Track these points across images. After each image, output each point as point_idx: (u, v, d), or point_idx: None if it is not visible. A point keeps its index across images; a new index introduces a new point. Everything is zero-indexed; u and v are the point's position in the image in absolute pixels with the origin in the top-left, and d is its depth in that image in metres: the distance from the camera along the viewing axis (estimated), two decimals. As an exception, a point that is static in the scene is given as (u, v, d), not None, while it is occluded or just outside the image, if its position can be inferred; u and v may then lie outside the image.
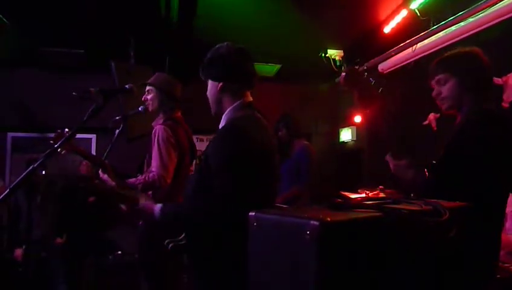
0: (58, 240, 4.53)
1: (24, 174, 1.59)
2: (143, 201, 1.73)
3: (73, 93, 2.06)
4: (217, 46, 1.75)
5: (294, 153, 4.08)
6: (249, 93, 1.76)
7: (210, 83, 1.75)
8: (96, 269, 4.71)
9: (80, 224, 4.66)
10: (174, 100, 2.68)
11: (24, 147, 5.63)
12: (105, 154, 2.59)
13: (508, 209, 2.50)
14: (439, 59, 1.87)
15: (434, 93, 1.85)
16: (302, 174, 3.96)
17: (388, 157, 1.79)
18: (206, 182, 1.58)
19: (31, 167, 1.61)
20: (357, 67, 1.93)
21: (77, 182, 4.91)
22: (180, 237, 1.70)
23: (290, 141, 4.11)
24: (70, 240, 4.60)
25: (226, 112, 1.72)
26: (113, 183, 2.45)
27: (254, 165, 1.56)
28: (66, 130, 2.25)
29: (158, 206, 1.68)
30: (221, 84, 1.70)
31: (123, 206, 1.88)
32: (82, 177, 4.92)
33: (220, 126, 1.72)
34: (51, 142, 2.27)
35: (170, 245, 1.68)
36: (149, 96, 2.68)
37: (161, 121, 2.63)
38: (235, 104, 1.71)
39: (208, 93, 1.77)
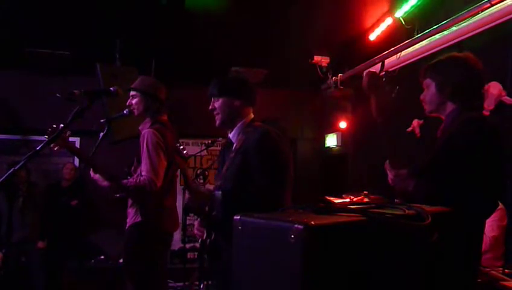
0: (40, 244, 4.44)
1: (5, 176, 1.56)
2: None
3: (57, 94, 2.03)
4: (233, 70, 2.09)
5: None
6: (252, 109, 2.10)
7: (225, 99, 2.02)
8: (78, 274, 4.63)
9: (62, 227, 4.58)
10: (159, 102, 2.67)
11: (6, 149, 5.50)
12: (90, 154, 2.58)
13: None
14: (428, 64, 1.89)
15: (421, 96, 1.88)
16: None
17: (387, 166, 1.75)
18: (247, 182, 1.85)
19: (11, 169, 1.58)
20: (376, 72, 1.94)
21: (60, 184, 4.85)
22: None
23: None
24: (52, 243, 4.52)
25: (238, 125, 2.03)
26: (105, 183, 2.49)
27: (286, 171, 1.89)
28: (62, 125, 2.18)
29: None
30: (239, 102, 2.02)
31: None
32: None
33: (234, 135, 2.03)
34: (46, 137, 2.23)
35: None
36: (133, 101, 2.65)
37: (148, 124, 2.61)
38: (246, 118, 2.04)
39: (223, 108, 2.03)
